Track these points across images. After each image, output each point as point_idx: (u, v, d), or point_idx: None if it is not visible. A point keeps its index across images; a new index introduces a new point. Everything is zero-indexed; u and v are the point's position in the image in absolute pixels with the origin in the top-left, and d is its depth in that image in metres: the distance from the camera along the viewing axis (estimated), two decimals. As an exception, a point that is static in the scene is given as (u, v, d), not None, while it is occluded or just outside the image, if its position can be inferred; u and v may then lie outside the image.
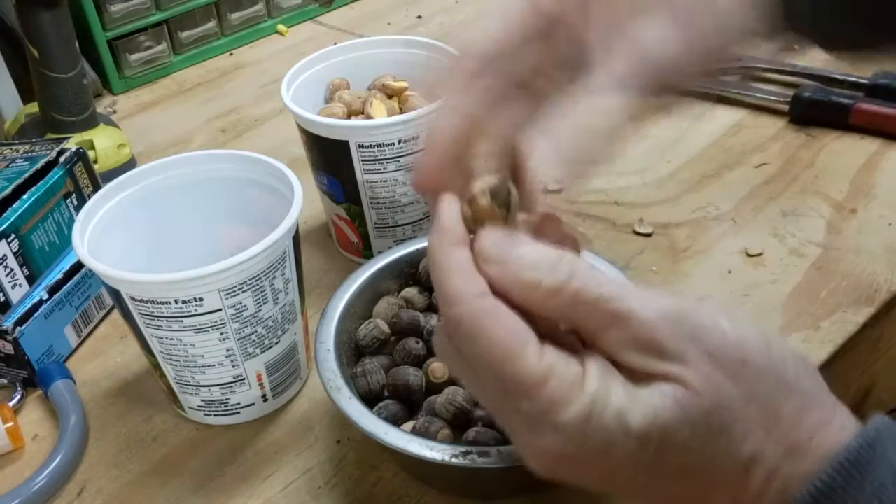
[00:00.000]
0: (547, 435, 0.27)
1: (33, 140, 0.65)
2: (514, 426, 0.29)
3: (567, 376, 0.27)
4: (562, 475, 0.29)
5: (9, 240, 0.54)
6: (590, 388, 0.27)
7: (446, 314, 0.29)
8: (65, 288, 0.57)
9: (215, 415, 0.52)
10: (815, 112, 0.74)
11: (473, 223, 0.31)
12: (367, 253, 0.63)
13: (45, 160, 0.58)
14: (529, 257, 0.28)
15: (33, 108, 0.76)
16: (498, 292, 0.29)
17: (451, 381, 0.47)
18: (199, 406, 0.51)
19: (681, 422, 0.26)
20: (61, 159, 0.60)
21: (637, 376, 0.28)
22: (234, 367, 0.49)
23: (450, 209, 0.31)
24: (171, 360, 0.48)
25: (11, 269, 0.55)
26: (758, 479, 0.27)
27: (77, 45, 0.70)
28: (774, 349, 0.28)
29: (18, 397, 0.55)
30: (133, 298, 0.45)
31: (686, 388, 0.27)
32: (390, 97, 0.64)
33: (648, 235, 0.64)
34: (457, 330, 0.29)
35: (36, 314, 0.55)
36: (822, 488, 0.26)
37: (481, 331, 0.28)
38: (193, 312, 0.45)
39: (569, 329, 0.29)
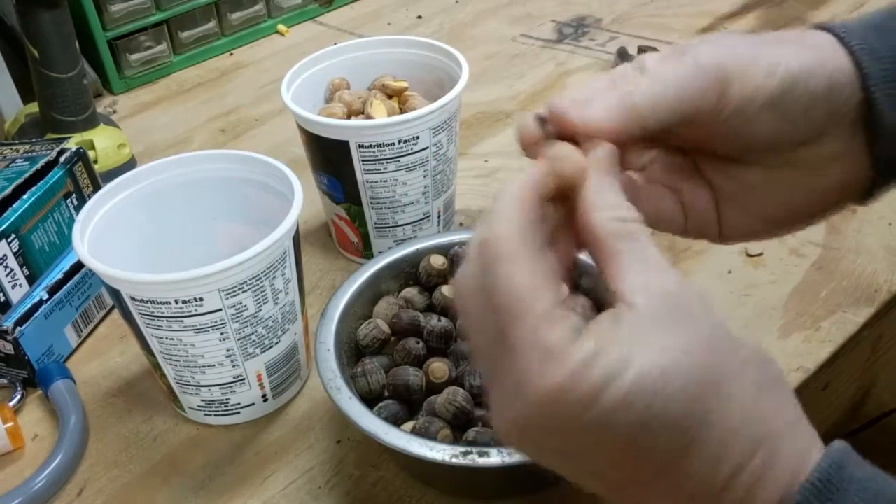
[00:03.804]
0: (556, 365, 0.26)
1: (33, 140, 0.65)
2: (515, 360, 0.27)
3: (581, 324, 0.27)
4: (550, 419, 0.27)
5: (9, 240, 0.54)
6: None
7: (491, 228, 0.29)
8: (65, 288, 0.57)
9: (215, 415, 0.52)
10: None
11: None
12: (367, 253, 0.63)
13: (45, 160, 0.58)
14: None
15: (33, 108, 0.76)
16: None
17: (451, 381, 0.47)
18: (199, 406, 0.51)
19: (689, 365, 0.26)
20: (61, 159, 0.60)
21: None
22: (234, 367, 0.49)
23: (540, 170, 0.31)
24: (171, 360, 0.48)
25: (11, 269, 0.55)
26: (758, 463, 0.26)
27: (77, 45, 0.70)
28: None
29: (18, 397, 0.55)
30: (133, 298, 0.45)
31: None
32: (390, 97, 0.64)
33: (648, 235, 0.64)
34: (494, 247, 0.28)
35: (36, 314, 0.55)
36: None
37: (521, 250, 0.28)
38: (193, 312, 0.45)
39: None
